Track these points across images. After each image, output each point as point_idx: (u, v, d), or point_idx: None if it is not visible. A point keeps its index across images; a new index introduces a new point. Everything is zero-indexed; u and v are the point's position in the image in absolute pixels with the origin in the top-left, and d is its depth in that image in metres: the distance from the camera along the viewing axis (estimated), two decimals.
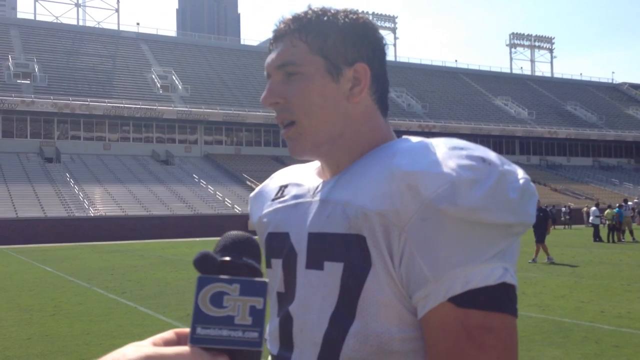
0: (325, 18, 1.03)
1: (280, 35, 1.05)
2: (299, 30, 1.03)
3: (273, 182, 1.20)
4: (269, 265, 1.11)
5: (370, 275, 0.91)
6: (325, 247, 0.97)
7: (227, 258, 0.66)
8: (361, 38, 1.04)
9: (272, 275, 1.09)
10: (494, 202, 0.86)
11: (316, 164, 1.14)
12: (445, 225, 0.85)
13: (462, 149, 0.92)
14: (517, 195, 0.88)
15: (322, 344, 0.95)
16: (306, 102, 1.01)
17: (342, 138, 1.03)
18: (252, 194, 1.26)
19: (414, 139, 1.01)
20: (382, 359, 0.91)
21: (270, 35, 1.10)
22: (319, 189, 1.04)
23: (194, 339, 0.62)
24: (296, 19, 1.04)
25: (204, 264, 0.65)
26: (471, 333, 0.84)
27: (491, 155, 0.92)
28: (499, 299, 0.86)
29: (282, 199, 1.12)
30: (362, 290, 0.91)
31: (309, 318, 0.98)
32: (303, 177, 1.12)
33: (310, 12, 1.05)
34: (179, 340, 0.66)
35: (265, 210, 1.15)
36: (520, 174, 0.91)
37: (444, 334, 0.86)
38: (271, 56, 1.06)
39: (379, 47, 1.07)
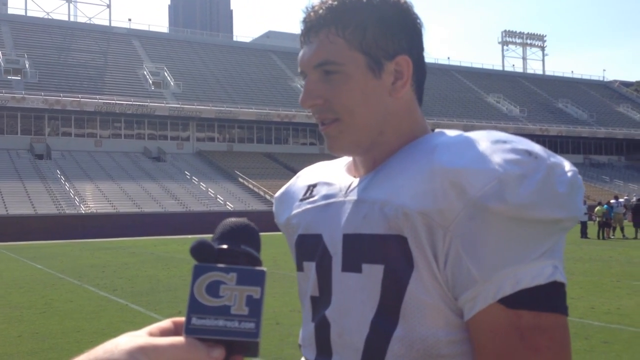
0: (361, 5, 0.97)
1: (314, 27, 0.98)
2: (335, 22, 0.96)
3: (300, 181, 1.15)
4: (300, 269, 1.07)
5: (413, 277, 0.87)
6: (363, 248, 0.92)
7: (225, 246, 0.64)
8: (400, 27, 0.98)
9: (305, 279, 1.06)
10: (544, 198, 0.83)
11: (345, 160, 1.10)
12: (494, 223, 0.82)
13: (505, 142, 0.88)
14: (566, 189, 0.85)
15: (363, 350, 0.91)
16: (348, 101, 0.96)
17: (383, 135, 0.98)
18: (277, 194, 1.21)
19: (450, 132, 0.97)
20: None
21: (262, 32, 1.07)
22: (352, 187, 1.00)
23: (189, 330, 0.60)
24: (330, 8, 0.97)
25: (201, 252, 0.63)
26: (524, 334, 0.81)
27: (536, 147, 0.88)
28: (550, 298, 0.83)
29: (311, 199, 1.07)
30: (405, 293, 0.88)
31: (348, 323, 0.94)
32: (333, 175, 1.07)
33: None
34: (176, 330, 0.64)
35: (295, 211, 1.10)
36: (567, 166, 0.88)
37: (494, 336, 0.83)
38: (306, 53, 0.99)
39: (418, 32, 1.01)
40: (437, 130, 1.00)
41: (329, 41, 0.96)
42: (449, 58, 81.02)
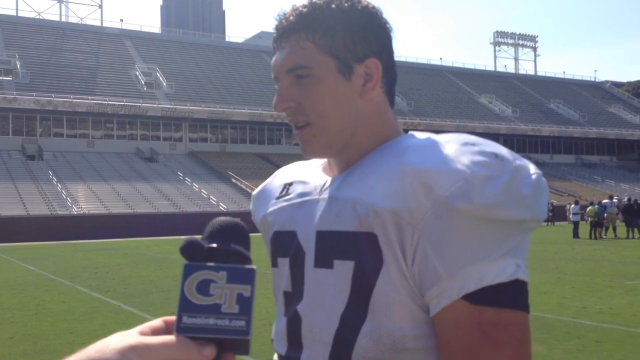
0: (330, 11, 0.99)
1: (285, 33, 1.01)
2: (305, 28, 0.99)
3: (277, 180, 1.18)
4: (275, 265, 1.10)
5: (382, 273, 0.90)
6: (335, 245, 0.95)
7: (214, 245, 0.64)
8: (369, 31, 1.01)
9: (279, 275, 1.08)
10: (508, 199, 0.86)
11: (321, 160, 1.12)
12: (459, 222, 0.85)
13: (473, 144, 0.91)
14: (530, 190, 0.88)
15: (332, 344, 0.94)
16: (319, 104, 0.99)
17: (355, 136, 1.01)
18: (254, 192, 1.24)
19: (422, 134, 1.00)
20: (395, 357, 0.90)
21: (254, 32, 1.09)
22: (326, 186, 1.03)
23: (180, 328, 0.60)
24: (300, 15, 1.00)
25: (191, 250, 0.63)
26: (486, 330, 0.84)
27: (503, 150, 0.91)
28: (512, 295, 0.86)
29: (287, 197, 1.10)
30: (374, 289, 0.90)
31: (319, 318, 0.97)
32: (308, 174, 1.10)
33: (314, 4, 1.01)
34: (167, 329, 0.65)
35: (270, 209, 1.13)
36: (532, 169, 0.91)
37: (457, 331, 0.86)
38: (278, 58, 1.02)
39: (387, 35, 1.04)
40: (409, 132, 1.03)
41: (300, 46, 0.99)
42: (441, 59, 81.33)
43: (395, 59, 1.08)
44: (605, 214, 25.13)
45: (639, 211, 24.76)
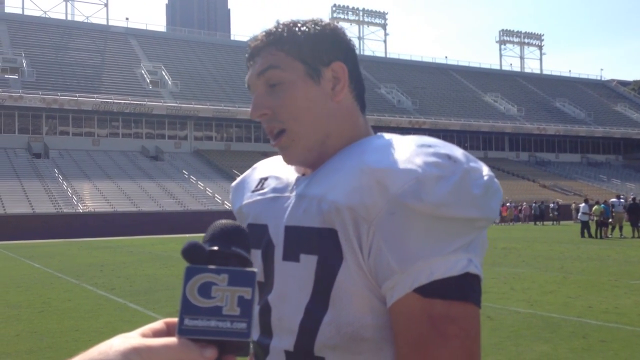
0: (296, 29, 1.07)
1: (257, 51, 1.09)
2: (275, 42, 1.07)
3: (255, 173, 1.24)
4: None
5: (342, 267, 0.94)
6: (301, 240, 1.00)
7: (215, 247, 0.65)
8: (333, 41, 1.08)
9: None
10: (458, 198, 0.90)
11: None
12: (411, 219, 0.89)
13: (429, 146, 0.96)
14: (480, 191, 0.92)
15: (298, 332, 0.99)
16: (293, 108, 1.04)
17: (329, 138, 1.06)
18: (233, 183, 1.31)
19: (387, 136, 1.05)
20: (355, 346, 0.94)
21: (259, 31, 1.12)
22: (297, 183, 1.08)
23: (181, 330, 0.61)
24: (269, 34, 1.08)
25: (192, 253, 0.64)
26: (435, 322, 0.87)
27: (457, 152, 0.95)
28: (462, 288, 0.89)
29: (261, 191, 1.16)
30: (335, 282, 0.95)
31: (286, 308, 1.02)
32: (283, 170, 1.15)
33: (281, 26, 1.09)
34: (168, 331, 0.66)
35: (245, 201, 1.19)
36: (485, 170, 0.95)
37: (409, 323, 0.89)
38: (251, 70, 1.09)
39: (351, 48, 1.11)
40: (377, 134, 1.09)
41: (270, 54, 1.07)
42: (446, 57, 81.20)
43: (400, 57, 1.11)
44: (613, 214, 25.04)
45: None
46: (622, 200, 26.90)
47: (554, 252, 17.24)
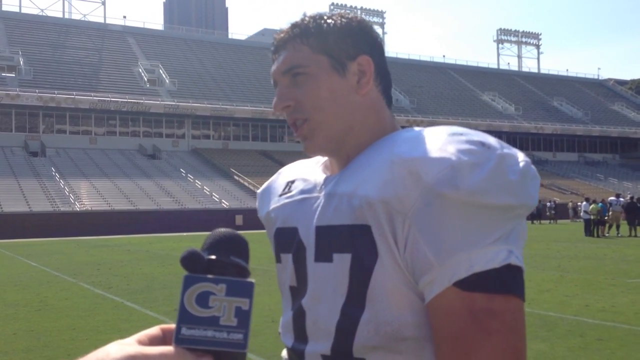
0: (322, 21, 1.06)
1: (282, 43, 1.07)
2: (300, 35, 1.05)
3: (281, 178, 1.22)
4: (278, 260, 1.13)
5: (378, 264, 0.91)
6: (333, 239, 0.98)
7: (214, 257, 0.65)
8: (359, 35, 1.07)
9: (283, 270, 1.11)
10: (495, 185, 0.87)
11: (322, 159, 1.17)
12: (448, 209, 0.86)
13: (461, 134, 0.94)
14: (517, 177, 0.89)
15: (335, 335, 0.97)
16: (316, 98, 1.03)
17: (352, 130, 1.04)
18: (259, 190, 1.28)
19: (416, 128, 1.02)
20: (396, 346, 0.92)
21: (257, 29, 1.11)
22: (325, 183, 1.06)
23: (178, 339, 0.61)
24: (294, 26, 1.07)
25: (191, 262, 0.64)
26: (477, 317, 0.84)
27: (490, 139, 0.93)
28: (503, 281, 0.86)
29: (289, 194, 1.13)
30: (371, 280, 0.92)
31: (321, 310, 0.99)
32: (310, 172, 1.14)
33: (307, 18, 1.08)
34: (164, 337, 0.65)
35: (273, 206, 1.17)
36: (521, 157, 0.92)
37: (449, 319, 0.86)
38: (276, 64, 1.08)
39: (377, 42, 1.10)
40: (405, 128, 1.06)
41: (295, 50, 1.05)
42: (444, 56, 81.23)
43: (398, 56, 1.11)
44: (610, 212, 25.08)
45: None
46: (621, 199, 26.94)
47: (551, 250, 17.27)
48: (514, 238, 0.89)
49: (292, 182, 1.15)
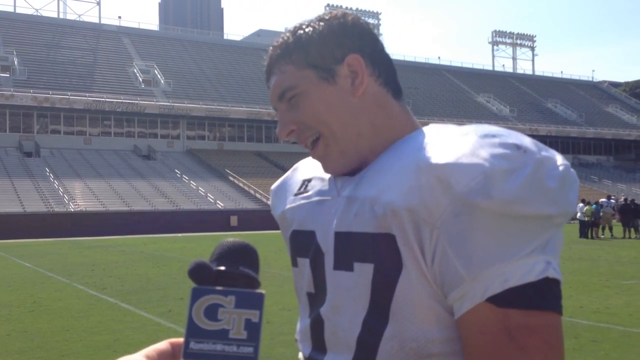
0: (301, 32, 1.02)
1: (269, 69, 1.05)
2: (282, 55, 1.02)
3: (297, 174, 1.16)
4: (294, 264, 1.08)
5: (403, 275, 0.86)
6: (354, 247, 0.92)
7: (223, 268, 0.64)
8: (342, 34, 1.01)
9: (299, 275, 1.06)
10: (532, 193, 0.80)
11: None
12: (480, 220, 0.80)
13: (494, 136, 0.87)
14: (556, 183, 0.82)
15: (356, 348, 0.91)
16: (315, 115, 0.98)
17: (362, 136, 0.99)
18: (273, 186, 1.22)
19: (440, 127, 0.96)
20: None
21: (253, 30, 1.10)
22: (344, 184, 1.00)
23: (187, 354, 0.60)
24: (275, 48, 1.04)
25: (199, 274, 0.63)
26: (513, 334, 0.79)
27: (526, 141, 0.86)
28: (541, 296, 0.80)
29: (305, 194, 1.08)
30: (395, 292, 0.87)
31: (341, 321, 0.94)
32: None
33: (286, 34, 1.04)
34: (173, 352, 0.64)
35: (289, 206, 1.11)
36: (560, 160, 0.85)
37: (483, 336, 0.81)
38: (270, 91, 1.05)
39: (365, 33, 1.03)
40: (429, 125, 1.00)
41: (281, 72, 1.02)
42: (439, 58, 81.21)
43: (393, 57, 1.07)
44: (601, 213, 25.17)
45: (636, 211, 24.79)
46: (612, 201, 26.99)
47: None
48: (551, 248, 0.83)
49: (309, 180, 1.09)
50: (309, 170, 1.12)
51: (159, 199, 37.55)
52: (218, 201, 38.05)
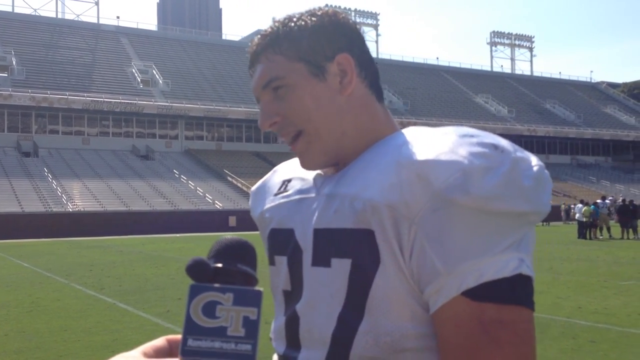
0: (292, 24, 1.01)
1: (255, 56, 1.04)
2: (272, 44, 1.01)
3: (276, 176, 1.17)
4: (272, 263, 1.08)
5: (380, 271, 0.87)
6: (332, 243, 0.93)
7: (220, 265, 0.64)
8: (333, 32, 1.01)
9: (276, 273, 1.06)
10: (508, 190, 0.83)
11: None
12: (458, 215, 0.82)
13: (472, 136, 0.89)
14: (531, 182, 0.85)
15: (330, 344, 0.92)
16: (302, 110, 0.98)
17: (345, 136, 1.00)
18: (253, 188, 1.22)
19: (420, 128, 0.98)
20: (395, 357, 0.88)
21: (251, 30, 1.09)
22: (324, 183, 1.01)
23: (185, 351, 0.60)
24: (264, 36, 1.03)
25: (197, 271, 0.62)
26: (486, 328, 0.81)
27: (503, 142, 0.89)
28: (514, 291, 0.83)
29: (285, 194, 1.08)
30: (371, 287, 0.88)
31: (316, 317, 0.95)
32: (307, 171, 1.09)
33: (276, 24, 1.03)
34: (170, 348, 0.64)
35: (268, 205, 1.12)
36: (534, 160, 0.88)
37: (458, 329, 0.83)
38: (254, 80, 1.04)
39: (354, 34, 1.04)
40: (409, 127, 1.02)
41: (269, 61, 1.01)
42: (437, 58, 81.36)
43: (392, 58, 1.07)
44: (598, 214, 25.19)
45: (634, 212, 24.82)
46: (607, 201, 27.00)
47: (543, 252, 17.31)
48: (524, 246, 0.85)
49: (289, 181, 1.10)
50: (288, 171, 1.14)
51: (158, 199, 37.53)
52: (216, 201, 38.05)
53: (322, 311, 0.94)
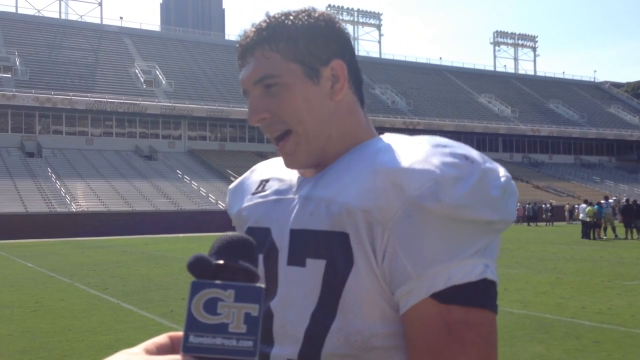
0: (289, 22, 1.02)
1: (249, 48, 1.03)
2: (268, 40, 1.01)
3: (254, 175, 1.19)
4: None
5: (353, 272, 0.91)
6: (308, 243, 0.97)
7: (221, 261, 0.64)
8: (329, 37, 1.03)
9: None
10: (477, 200, 0.87)
11: None
12: (429, 222, 0.86)
13: (445, 146, 0.93)
14: (498, 192, 0.89)
15: (303, 341, 0.96)
16: (293, 110, 1.00)
17: (331, 139, 1.03)
18: (231, 186, 1.25)
19: (396, 136, 1.02)
20: (365, 355, 0.91)
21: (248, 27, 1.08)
22: (302, 185, 1.04)
23: (186, 348, 0.59)
24: (260, 29, 1.03)
25: (198, 267, 0.63)
26: (452, 329, 0.85)
27: (473, 153, 0.93)
28: (480, 295, 0.87)
29: (263, 194, 1.11)
30: (344, 288, 0.92)
31: (290, 315, 0.98)
32: (285, 172, 1.11)
33: (272, 19, 1.04)
34: (172, 345, 0.64)
35: (245, 204, 1.15)
36: (502, 172, 0.93)
37: (425, 330, 0.87)
38: (245, 72, 1.04)
39: (346, 39, 1.07)
40: (385, 134, 1.05)
41: (265, 57, 1.01)
42: (440, 58, 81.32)
43: (395, 58, 1.09)
44: (602, 214, 25.13)
45: (638, 212, 24.75)
46: (610, 201, 26.91)
47: (547, 253, 17.29)
48: (490, 252, 0.90)
49: (267, 181, 1.13)
50: (267, 171, 1.17)
51: (161, 199, 37.57)
52: (219, 202, 38.07)
53: (296, 309, 0.97)
